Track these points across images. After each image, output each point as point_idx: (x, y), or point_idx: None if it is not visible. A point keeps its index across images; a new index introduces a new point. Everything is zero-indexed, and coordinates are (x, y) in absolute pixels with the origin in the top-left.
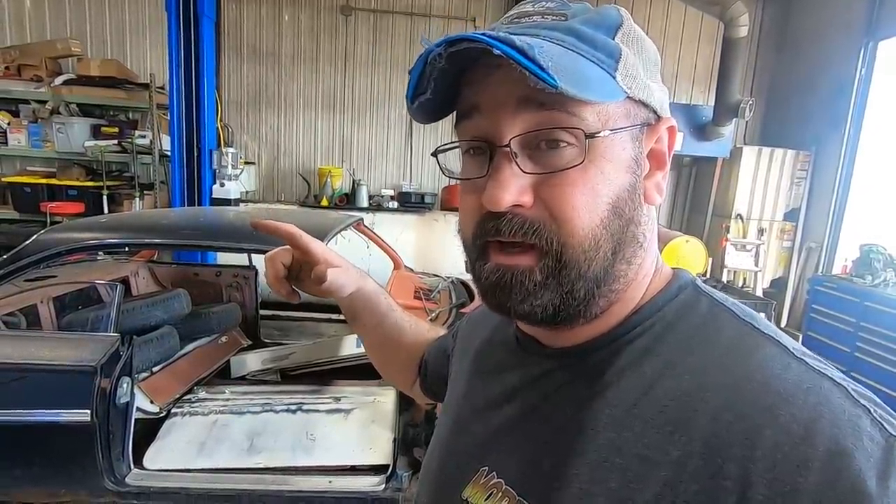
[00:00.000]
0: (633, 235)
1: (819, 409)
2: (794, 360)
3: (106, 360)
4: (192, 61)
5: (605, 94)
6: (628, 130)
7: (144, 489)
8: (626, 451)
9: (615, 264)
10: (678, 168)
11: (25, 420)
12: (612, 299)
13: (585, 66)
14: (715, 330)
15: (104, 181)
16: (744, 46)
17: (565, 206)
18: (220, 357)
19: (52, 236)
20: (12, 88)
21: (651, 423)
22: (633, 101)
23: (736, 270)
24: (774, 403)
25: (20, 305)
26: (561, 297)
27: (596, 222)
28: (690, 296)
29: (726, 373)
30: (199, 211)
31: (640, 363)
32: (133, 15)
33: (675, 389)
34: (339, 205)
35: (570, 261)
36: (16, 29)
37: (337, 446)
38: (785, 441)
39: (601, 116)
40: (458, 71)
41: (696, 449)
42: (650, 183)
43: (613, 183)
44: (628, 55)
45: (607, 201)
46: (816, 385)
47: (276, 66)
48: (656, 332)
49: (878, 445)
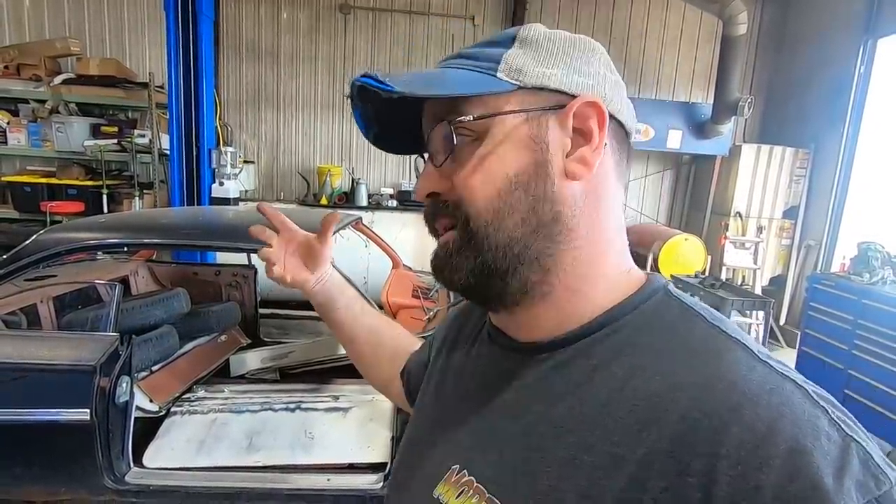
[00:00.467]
0: (554, 214)
1: (781, 409)
2: (759, 362)
3: (105, 359)
4: (190, 60)
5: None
6: (520, 113)
7: (144, 487)
8: (596, 448)
9: (534, 240)
10: (677, 166)
11: (25, 419)
12: (549, 280)
13: (454, 74)
14: (685, 333)
15: (104, 180)
16: (743, 44)
17: (463, 184)
18: (219, 356)
19: (51, 236)
20: (11, 88)
21: (621, 422)
22: (526, 90)
23: (735, 268)
24: (740, 403)
25: (20, 305)
26: (477, 266)
27: (493, 194)
28: (662, 300)
29: (695, 374)
30: (198, 210)
31: (611, 363)
32: (132, 14)
33: (645, 390)
34: (338, 203)
35: (475, 229)
36: (14, 28)
37: (335, 444)
38: (749, 439)
39: (489, 109)
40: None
41: (663, 447)
42: (572, 159)
43: (509, 161)
44: (514, 55)
45: (503, 176)
46: (779, 386)
47: (275, 65)
48: (628, 334)
49: (836, 444)
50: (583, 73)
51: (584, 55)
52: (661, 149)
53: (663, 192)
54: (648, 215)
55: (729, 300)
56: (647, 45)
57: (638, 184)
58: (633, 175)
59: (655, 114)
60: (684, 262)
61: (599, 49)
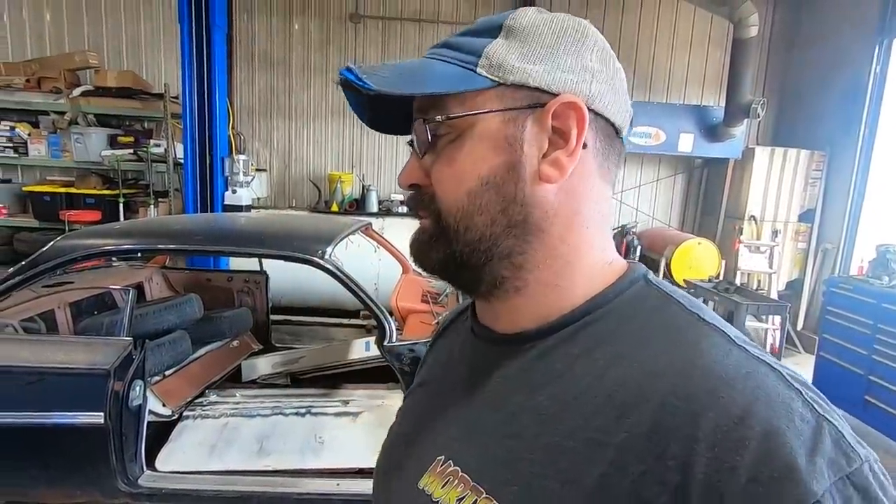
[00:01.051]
0: (525, 216)
1: (756, 392)
2: (735, 347)
3: (119, 363)
4: (204, 71)
5: (449, 86)
6: (497, 113)
7: (156, 491)
8: (577, 435)
9: (504, 238)
10: (689, 170)
11: (42, 422)
12: (522, 276)
13: (434, 68)
14: (664, 320)
15: (120, 189)
16: (754, 46)
17: (436, 180)
18: (231, 361)
19: (67, 243)
20: (33, 100)
21: (601, 408)
22: (506, 87)
23: (750, 272)
24: (716, 387)
25: (39, 310)
26: (448, 256)
27: (461, 193)
28: (642, 288)
29: (674, 360)
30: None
31: (592, 351)
32: (148, 27)
33: (625, 376)
34: (349, 210)
35: (446, 224)
36: (36, 43)
37: (345, 449)
38: (725, 422)
39: (468, 106)
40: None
41: (642, 431)
42: (546, 161)
43: (482, 161)
44: (496, 49)
45: (474, 177)
46: (754, 370)
47: (287, 75)
48: (609, 322)
49: (809, 425)
50: (568, 68)
51: (574, 45)
52: (673, 152)
53: (675, 196)
54: (660, 219)
55: (744, 305)
56: (656, 48)
57: (649, 188)
58: (644, 179)
59: (666, 117)
60: (697, 267)
61: (593, 36)
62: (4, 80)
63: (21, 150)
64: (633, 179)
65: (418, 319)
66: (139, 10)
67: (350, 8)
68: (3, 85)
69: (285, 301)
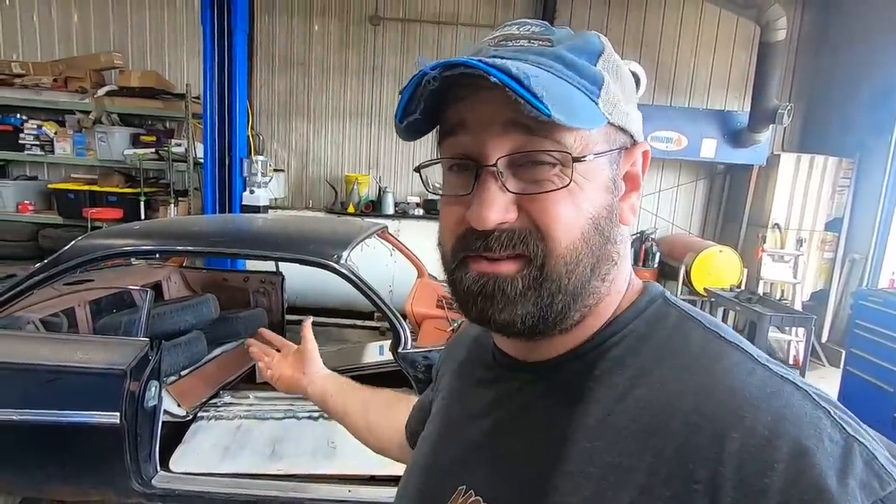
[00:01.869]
0: (609, 253)
1: (782, 412)
2: (758, 365)
3: (135, 363)
4: (225, 72)
5: (589, 121)
6: (607, 154)
7: (170, 492)
8: (601, 460)
9: (592, 280)
10: (711, 176)
11: (59, 420)
12: (584, 314)
13: (573, 93)
14: (683, 340)
15: (142, 188)
16: (782, 50)
17: (549, 220)
18: (245, 362)
19: (88, 242)
20: (59, 100)
21: (624, 432)
22: (613, 127)
23: (773, 282)
24: (740, 407)
25: (60, 308)
26: (540, 309)
27: (577, 236)
28: (660, 308)
29: (695, 380)
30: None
31: (612, 374)
32: (171, 27)
33: (646, 398)
34: (365, 212)
35: (552, 272)
36: (63, 42)
37: (357, 455)
38: (751, 443)
39: (582, 140)
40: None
41: (668, 454)
42: (625, 204)
43: (593, 202)
44: (610, 82)
45: (588, 218)
46: (779, 389)
47: (306, 76)
48: (628, 344)
49: (838, 445)
50: (637, 115)
51: (634, 93)
52: (695, 158)
53: (696, 203)
54: (680, 226)
55: (766, 315)
56: (680, 51)
57: (669, 194)
58: (664, 185)
59: (688, 122)
60: (718, 275)
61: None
62: (33, 79)
63: (47, 148)
64: (652, 185)
65: (433, 325)
66: (163, 11)
67: (370, 10)
68: (32, 84)
69: (300, 302)
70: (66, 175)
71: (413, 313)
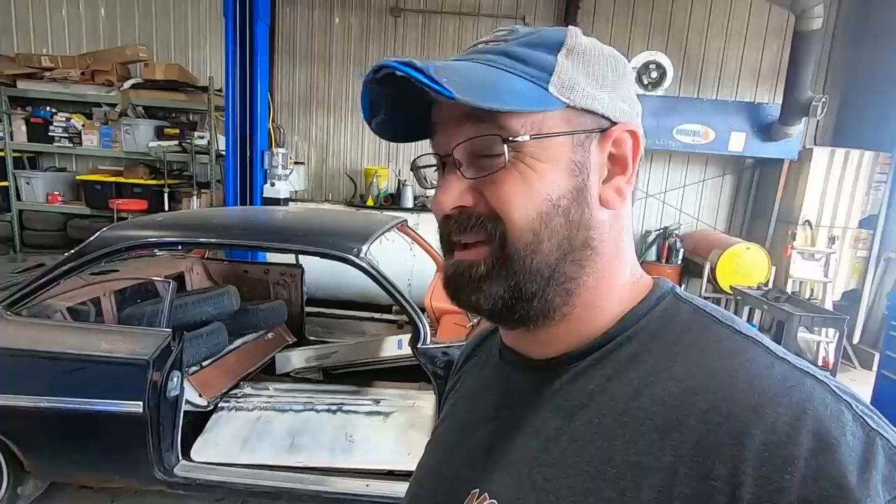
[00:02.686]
0: (584, 239)
1: (803, 406)
2: (776, 359)
3: (158, 353)
4: (247, 65)
5: (526, 103)
6: (566, 136)
7: (191, 481)
8: (618, 459)
9: (564, 265)
10: (739, 171)
11: (84, 408)
12: (571, 301)
13: (505, 80)
14: (698, 335)
15: (165, 179)
16: (817, 40)
17: (500, 201)
18: (265, 353)
19: (113, 234)
20: (87, 93)
21: (641, 430)
22: (574, 110)
23: (803, 281)
24: (760, 402)
25: (86, 297)
26: (509, 291)
27: (533, 216)
28: (671, 303)
29: (711, 376)
30: (249, 211)
31: (625, 371)
32: (194, 20)
33: (662, 395)
34: (384, 205)
35: (513, 252)
36: (91, 36)
37: (375, 450)
38: (771, 439)
39: (533, 125)
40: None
41: (686, 452)
42: (608, 187)
43: (551, 183)
44: (566, 68)
45: (545, 199)
46: (800, 383)
47: (327, 69)
48: (640, 341)
49: (860, 440)
50: (623, 97)
51: (622, 76)
52: (722, 152)
53: (722, 198)
54: (705, 222)
55: (796, 315)
56: (708, 41)
57: (694, 189)
58: (689, 179)
59: (716, 114)
60: (745, 273)
61: (629, 66)
62: (62, 72)
63: (76, 140)
64: (677, 179)
65: (452, 321)
66: (187, 4)
67: (391, 1)
68: (61, 78)
69: (319, 294)
70: (93, 167)
71: (432, 308)
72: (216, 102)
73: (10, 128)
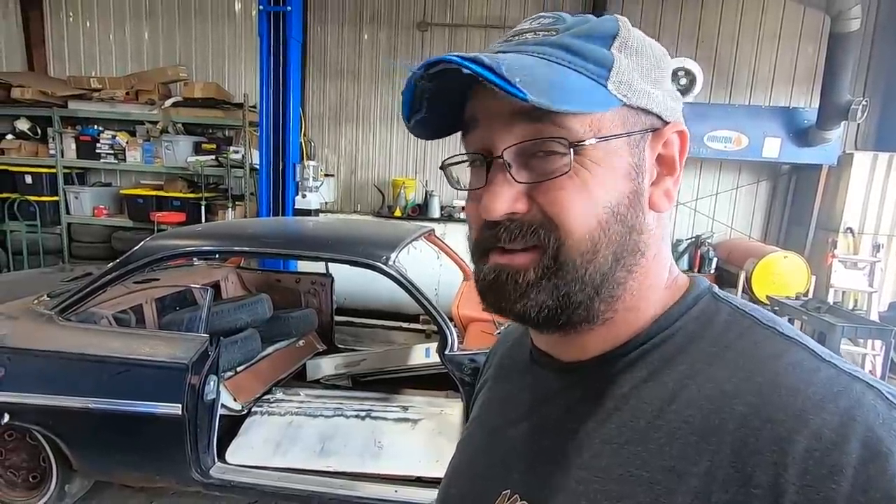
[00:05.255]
0: (635, 244)
1: (851, 413)
2: (822, 363)
3: (196, 358)
4: (280, 82)
5: (591, 103)
6: (624, 138)
7: (226, 482)
8: (653, 463)
9: (616, 272)
10: (774, 177)
11: (127, 409)
12: (615, 306)
13: (570, 78)
14: (737, 336)
15: (203, 193)
16: (855, 41)
17: (559, 210)
18: (297, 360)
19: (154, 243)
20: (131, 111)
21: (676, 434)
22: (630, 109)
23: (845, 291)
24: (805, 408)
25: (129, 304)
26: (556, 300)
27: (593, 225)
28: (709, 304)
29: (751, 379)
30: (282, 222)
31: (660, 374)
32: (231, 40)
33: (699, 398)
34: (411, 215)
35: (567, 262)
36: (135, 58)
37: (403, 456)
38: (816, 447)
39: (592, 125)
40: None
41: (725, 458)
42: (657, 189)
43: (611, 189)
44: (622, 64)
45: (605, 206)
46: (848, 388)
47: (356, 83)
48: (676, 342)
49: None
50: (671, 94)
51: (666, 71)
52: (756, 158)
53: (757, 206)
54: (739, 230)
55: (838, 326)
56: (740, 45)
57: (728, 196)
58: (722, 187)
59: (749, 120)
60: (782, 283)
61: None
62: (108, 93)
63: (120, 156)
64: (709, 187)
65: (479, 328)
66: (224, 26)
67: (418, 16)
68: (108, 98)
69: (349, 303)
70: (136, 181)
71: (459, 316)
72: (250, 118)
73: (62, 146)
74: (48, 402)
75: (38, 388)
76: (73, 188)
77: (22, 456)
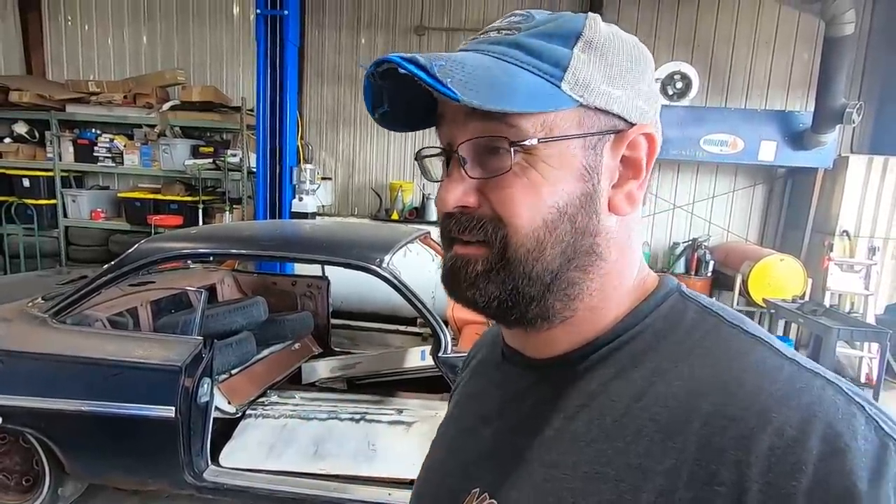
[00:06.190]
0: (589, 245)
1: (812, 409)
2: (785, 360)
3: (190, 360)
4: (277, 85)
5: (538, 104)
6: (579, 138)
7: (219, 485)
8: (619, 461)
9: (567, 271)
10: (770, 181)
11: (121, 412)
12: (573, 305)
13: (520, 78)
14: (703, 334)
15: (200, 196)
16: (850, 45)
17: (505, 207)
18: (292, 363)
19: (150, 246)
20: (129, 115)
21: (643, 432)
22: (588, 109)
23: (841, 293)
24: (768, 406)
25: (124, 307)
26: (506, 293)
27: (538, 224)
28: (677, 302)
29: (717, 377)
30: (277, 224)
31: (628, 372)
32: (228, 44)
33: (666, 396)
34: (408, 218)
35: (513, 258)
36: (133, 62)
37: (397, 459)
38: (779, 444)
39: (545, 125)
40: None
41: (689, 456)
42: (619, 192)
43: (560, 189)
44: (581, 64)
45: (552, 205)
46: (809, 384)
47: (353, 88)
48: (644, 340)
49: (872, 445)
50: (641, 95)
51: (642, 70)
52: (752, 161)
53: (753, 209)
54: (736, 233)
55: (834, 329)
56: (736, 48)
57: (724, 199)
58: (719, 190)
59: (745, 124)
60: (778, 286)
61: (650, 58)
62: (106, 96)
63: (118, 159)
64: (706, 190)
65: (474, 331)
66: (222, 30)
67: (415, 20)
68: (106, 101)
69: (345, 306)
70: (134, 185)
71: (454, 319)
72: (248, 122)
73: (59, 149)
74: (41, 405)
75: (31, 390)
76: (70, 191)
77: (15, 459)
